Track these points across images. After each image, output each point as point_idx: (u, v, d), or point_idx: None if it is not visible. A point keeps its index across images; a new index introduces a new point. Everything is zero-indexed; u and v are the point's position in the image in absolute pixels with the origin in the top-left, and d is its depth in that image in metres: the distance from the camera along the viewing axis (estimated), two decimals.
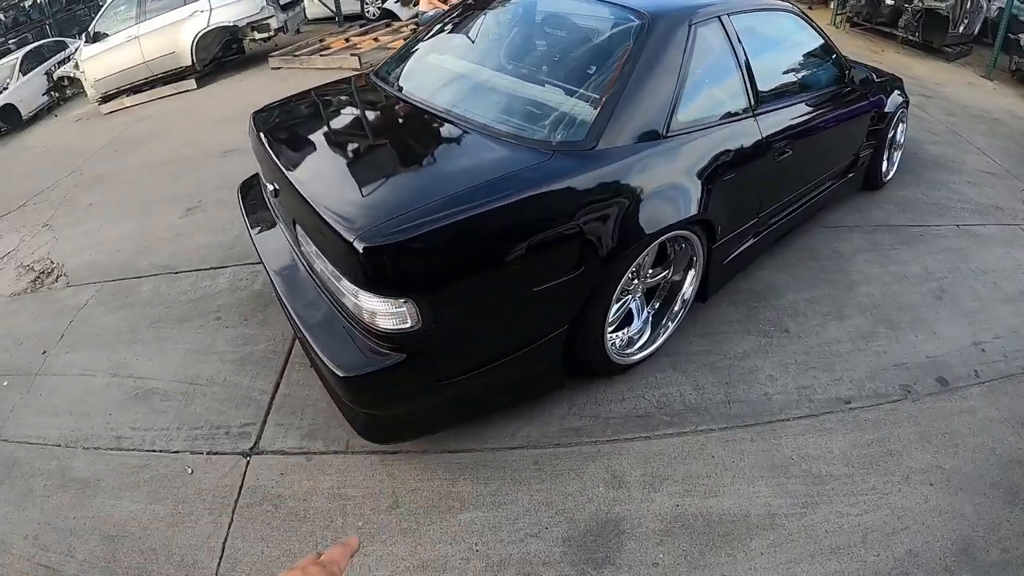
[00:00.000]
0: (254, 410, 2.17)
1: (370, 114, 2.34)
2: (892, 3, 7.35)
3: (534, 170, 1.68)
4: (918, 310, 2.58)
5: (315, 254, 1.77)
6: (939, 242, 3.08)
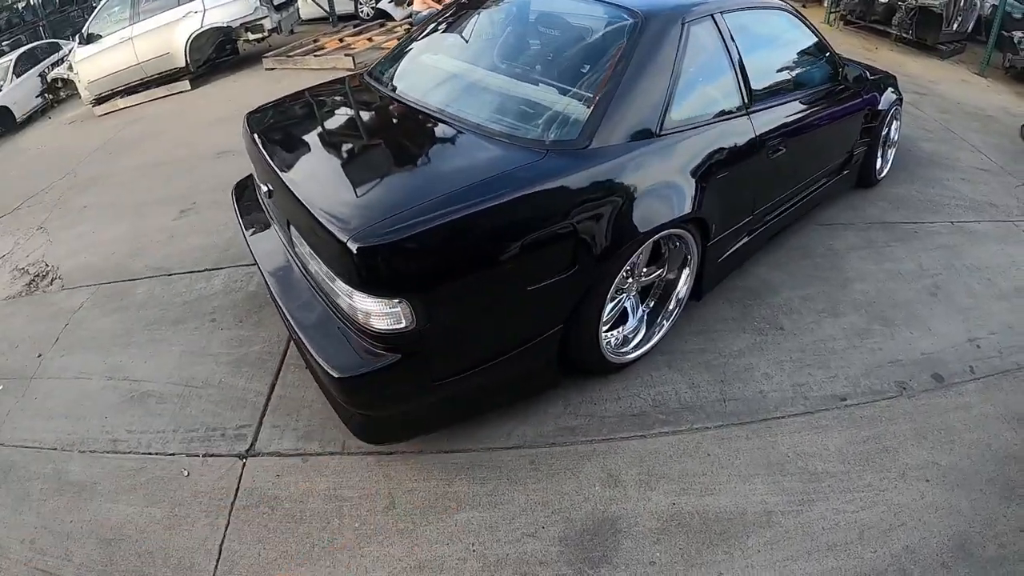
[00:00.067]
0: (250, 412, 2.16)
1: (364, 114, 2.34)
2: (886, 1, 7.36)
3: (528, 169, 1.68)
4: (913, 307, 2.59)
5: (309, 255, 1.77)
6: (933, 239, 3.09)
